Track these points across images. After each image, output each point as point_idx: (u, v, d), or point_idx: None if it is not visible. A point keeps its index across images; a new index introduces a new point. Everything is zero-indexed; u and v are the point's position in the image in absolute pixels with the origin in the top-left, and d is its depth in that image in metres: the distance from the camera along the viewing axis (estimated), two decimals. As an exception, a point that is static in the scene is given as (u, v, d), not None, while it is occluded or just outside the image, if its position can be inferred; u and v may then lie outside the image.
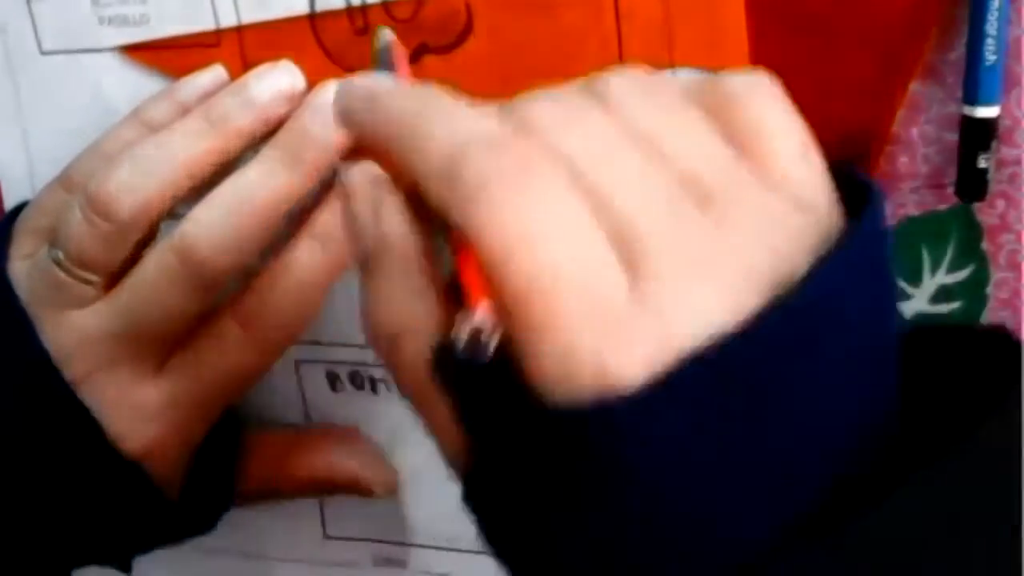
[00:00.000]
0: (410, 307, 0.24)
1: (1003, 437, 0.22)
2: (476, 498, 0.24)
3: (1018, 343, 0.23)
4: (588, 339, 0.21)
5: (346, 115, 0.26)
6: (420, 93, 0.25)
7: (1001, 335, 0.24)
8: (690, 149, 0.23)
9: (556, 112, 0.23)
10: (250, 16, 0.37)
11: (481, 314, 0.22)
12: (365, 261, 0.25)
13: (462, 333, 0.22)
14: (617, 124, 0.23)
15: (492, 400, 0.22)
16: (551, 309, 0.21)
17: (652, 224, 0.22)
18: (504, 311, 0.21)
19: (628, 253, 0.21)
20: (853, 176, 0.24)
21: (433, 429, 0.25)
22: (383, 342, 0.25)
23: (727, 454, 0.21)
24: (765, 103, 0.24)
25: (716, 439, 0.21)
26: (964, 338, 0.24)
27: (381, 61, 0.33)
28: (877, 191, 0.23)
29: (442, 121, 0.23)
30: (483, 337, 0.22)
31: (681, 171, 0.22)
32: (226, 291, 0.36)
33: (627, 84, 0.24)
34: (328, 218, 0.36)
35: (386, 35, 0.33)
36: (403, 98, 0.25)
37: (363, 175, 0.26)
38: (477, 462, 0.24)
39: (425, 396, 0.24)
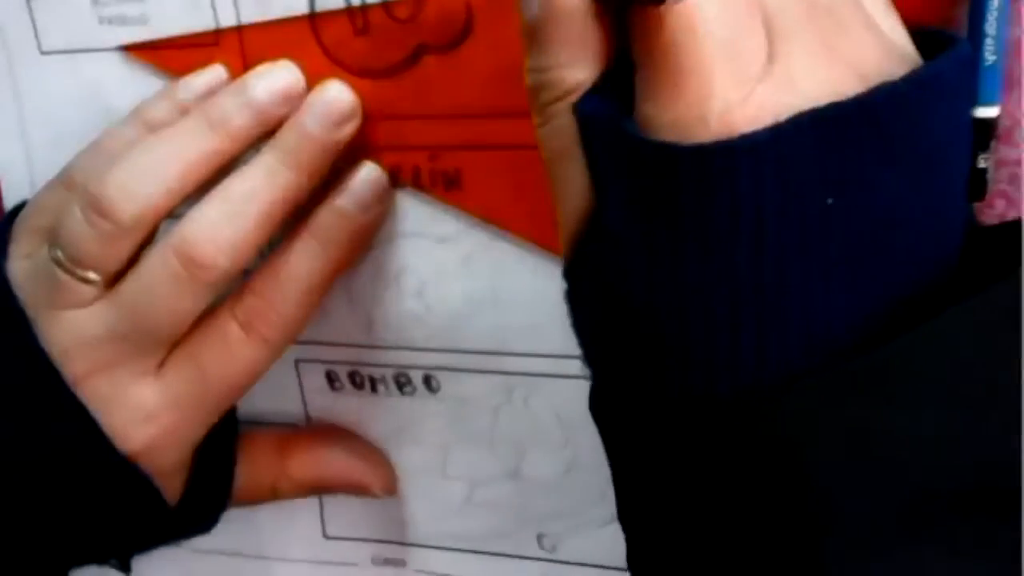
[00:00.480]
0: (570, 70, 0.26)
1: None
2: (582, 265, 0.27)
3: None
4: (721, 88, 0.23)
5: None
6: None
7: None
8: None
9: None
10: (250, 16, 0.37)
11: None
12: (532, 24, 0.27)
13: None
14: None
15: (621, 146, 0.25)
16: (700, 55, 0.24)
17: (796, 13, 0.25)
18: (656, 54, 0.24)
19: (769, 28, 0.24)
20: (938, 35, 0.27)
21: (561, 190, 0.27)
22: (540, 102, 0.27)
23: (826, 210, 0.23)
24: None
25: (815, 192, 0.23)
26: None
27: None
28: (963, 40, 0.27)
29: None
30: None
31: None
32: (226, 290, 0.36)
33: None
34: (329, 220, 0.36)
35: None
36: None
37: None
38: (592, 219, 0.26)
39: (561, 155, 0.26)
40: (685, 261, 0.24)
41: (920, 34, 0.27)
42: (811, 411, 0.23)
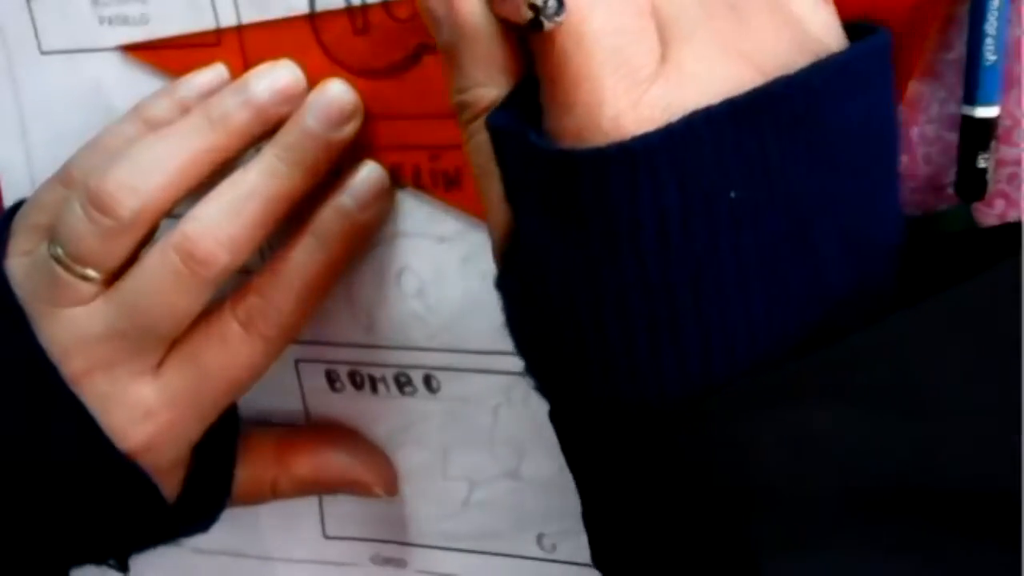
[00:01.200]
0: (486, 88, 0.27)
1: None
2: (510, 277, 0.27)
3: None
4: (611, 95, 0.24)
5: None
6: None
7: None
8: None
9: None
10: (250, 16, 0.37)
11: None
12: (446, 48, 0.28)
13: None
14: None
15: (527, 156, 0.25)
16: (588, 66, 0.24)
17: (691, 8, 0.25)
18: (550, 67, 0.25)
19: (665, 29, 0.25)
20: (868, 28, 0.27)
21: (488, 205, 0.28)
22: (463, 121, 0.28)
23: (730, 209, 0.24)
24: None
25: (717, 188, 0.24)
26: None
27: None
28: (881, 30, 0.27)
29: None
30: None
31: None
32: (225, 288, 0.36)
33: None
34: (328, 218, 0.36)
35: None
36: None
37: None
38: (514, 232, 0.27)
39: (485, 171, 0.27)
40: (597, 267, 0.24)
41: (857, 28, 0.28)
42: (742, 415, 0.24)
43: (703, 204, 0.24)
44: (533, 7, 0.24)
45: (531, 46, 0.26)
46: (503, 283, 0.28)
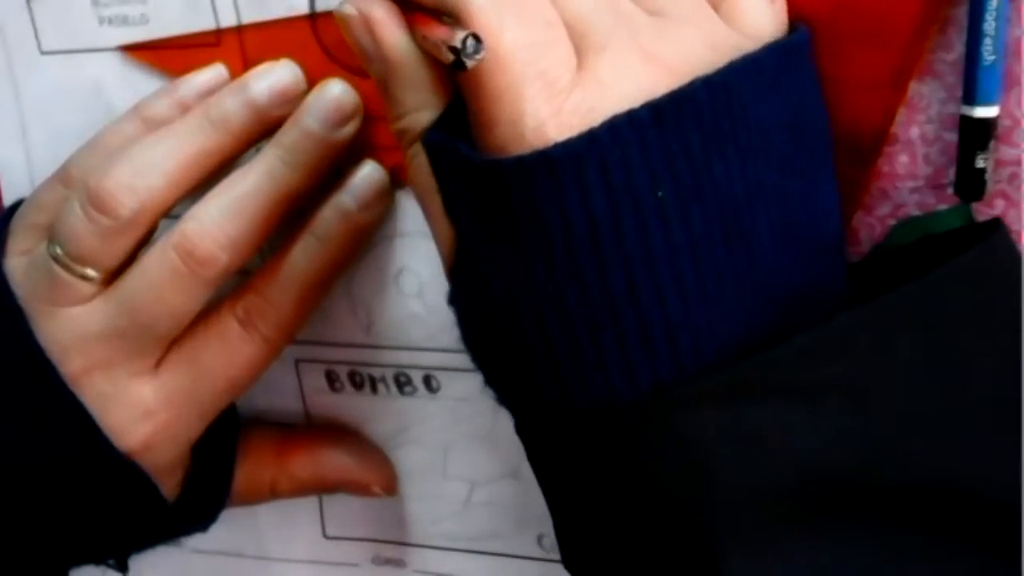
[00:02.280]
0: (420, 113, 0.28)
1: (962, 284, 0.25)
2: (458, 292, 0.28)
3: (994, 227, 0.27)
4: (531, 106, 0.25)
5: None
6: None
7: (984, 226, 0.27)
8: None
9: None
10: (250, 16, 0.37)
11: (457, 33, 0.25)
12: (378, 80, 0.29)
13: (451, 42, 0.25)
14: None
15: (458, 168, 0.26)
16: (505, 81, 0.25)
17: (605, 17, 0.26)
18: (468, 85, 0.25)
19: (581, 40, 0.26)
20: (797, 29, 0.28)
21: (433, 224, 0.29)
22: (405, 146, 0.29)
23: (659, 209, 0.24)
24: None
25: (644, 189, 0.24)
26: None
27: None
28: (799, 29, 0.28)
29: None
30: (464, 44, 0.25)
31: None
32: (225, 288, 0.36)
33: None
34: (328, 215, 0.36)
35: None
36: None
37: (351, 6, 0.29)
38: (458, 247, 0.27)
39: (427, 190, 0.28)
40: (533, 274, 0.25)
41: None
42: (692, 415, 0.24)
43: (631, 205, 0.24)
44: (454, 50, 0.25)
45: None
46: (454, 299, 0.29)
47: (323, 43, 0.36)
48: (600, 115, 0.24)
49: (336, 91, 0.36)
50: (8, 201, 0.42)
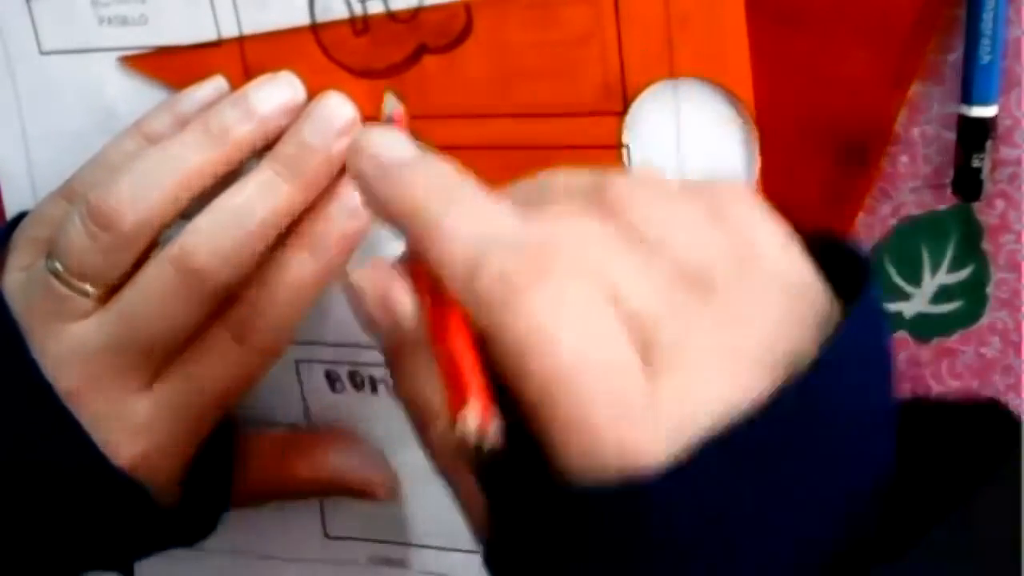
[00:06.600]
0: (431, 392, 0.25)
1: (996, 508, 0.22)
2: (496, 565, 0.25)
3: (1011, 416, 0.24)
4: (612, 433, 0.21)
5: (361, 180, 0.26)
6: (438, 173, 0.25)
7: (996, 409, 0.24)
8: (691, 240, 0.24)
9: (572, 216, 0.24)
10: (250, 15, 0.37)
11: (475, 412, 0.23)
12: (386, 352, 0.26)
13: (466, 430, 0.22)
14: (622, 224, 0.24)
15: (514, 479, 0.23)
16: (576, 406, 0.21)
17: (663, 314, 0.23)
18: (529, 407, 0.22)
19: (642, 343, 0.22)
20: (843, 247, 0.25)
21: (460, 498, 0.26)
22: (414, 420, 0.26)
23: (741, 526, 0.22)
24: (748, 200, 0.25)
25: (731, 513, 0.21)
26: (959, 411, 0.25)
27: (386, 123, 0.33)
28: (867, 261, 0.25)
29: (464, 217, 0.24)
30: (487, 432, 0.22)
31: (685, 261, 0.23)
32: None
33: (630, 183, 0.25)
34: (319, 228, 0.36)
35: (393, 101, 0.34)
36: (422, 174, 0.25)
37: (366, 273, 0.27)
38: (498, 534, 0.24)
39: (453, 469, 0.25)
40: None
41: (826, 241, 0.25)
42: None
43: (715, 531, 0.22)
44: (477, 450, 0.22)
45: (505, 379, 0.23)
46: (489, 569, 0.25)
47: (323, 43, 0.36)
48: (685, 431, 0.21)
49: (334, 104, 0.35)
50: (8, 201, 0.42)
